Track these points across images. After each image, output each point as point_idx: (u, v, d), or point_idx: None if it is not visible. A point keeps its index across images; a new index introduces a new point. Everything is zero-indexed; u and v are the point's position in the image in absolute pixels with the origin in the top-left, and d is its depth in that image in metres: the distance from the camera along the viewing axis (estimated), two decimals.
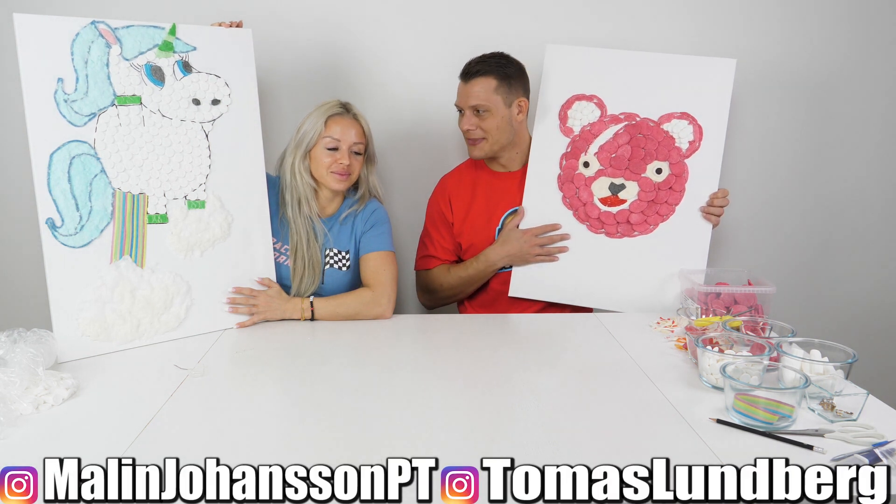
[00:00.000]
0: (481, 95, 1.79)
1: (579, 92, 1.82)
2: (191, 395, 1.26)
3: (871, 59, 2.09)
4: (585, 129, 1.82)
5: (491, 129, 1.81)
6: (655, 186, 1.80)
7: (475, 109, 1.80)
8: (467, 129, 1.82)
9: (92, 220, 1.47)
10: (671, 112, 1.79)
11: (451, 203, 1.93)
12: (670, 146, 1.79)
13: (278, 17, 2.03)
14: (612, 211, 1.82)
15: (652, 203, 1.81)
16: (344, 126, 1.72)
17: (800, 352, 1.27)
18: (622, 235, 1.83)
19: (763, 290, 1.56)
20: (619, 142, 1.80)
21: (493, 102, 1.79)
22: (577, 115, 1.82)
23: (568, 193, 1.83)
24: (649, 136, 1.80)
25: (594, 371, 1.44)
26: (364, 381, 1.33)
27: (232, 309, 1.66)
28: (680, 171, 1.80)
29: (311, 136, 1.72)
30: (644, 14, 2.07)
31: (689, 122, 1.79)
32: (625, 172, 1.81)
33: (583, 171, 1.82)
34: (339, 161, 1.71)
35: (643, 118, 1.80)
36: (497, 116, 1.80)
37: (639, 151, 1.80)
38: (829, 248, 2.22)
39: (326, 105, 1.74)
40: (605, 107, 1.81)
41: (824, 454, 1.02)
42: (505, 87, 1.80)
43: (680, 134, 1.79)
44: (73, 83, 1.44)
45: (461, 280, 1.89)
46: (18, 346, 1.29)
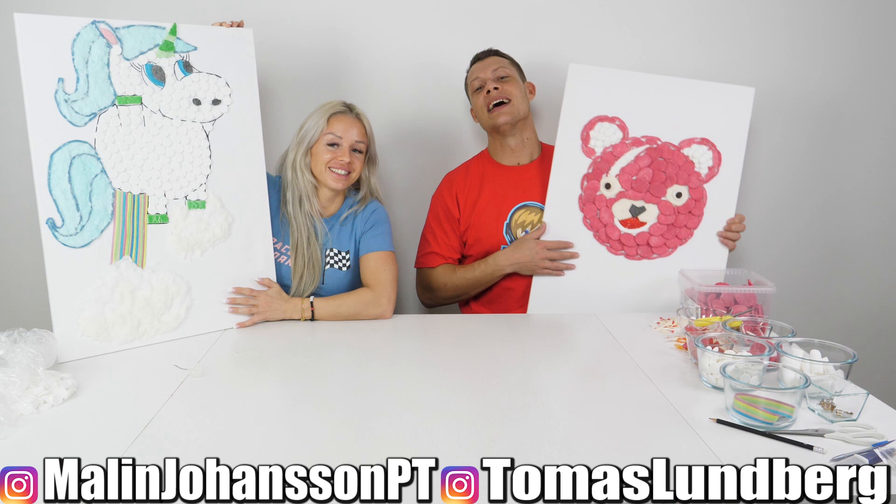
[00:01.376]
0: (502, 62, 1.90)
1: (602, 113, 1.82)
2: (191, 395, 1.26)
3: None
4: (607, 150, 1.82)
5: (514, 92, 1.86)
6: (675, 210, 1.82)
7: (497, 75, 1.87)
8: (493, 88, 1.85)
9: (92, 220, 1.47)
10: (692, 137, 1.81)
11: (457, 198, 1.93)
12: (690, 171, 1.81)
13: (279, 18, 2.03)
14: (633, 233, 1.83)
15: (671, 226, 1.82)
16: (346, 124, 1.73)
17: (800, 352, 1.27)
18: (641, 258, 1.83)
19: (763, 290, 1.56)
20: (640, 164, 1.81)
21: (513, 71, 1.91)
22: (600, 136, 1.82)
23: (589, 214, 1.83)
24: (670, 160, 1.81)
25: (594, 371, 1.44)
26: (364, 381, 1.33)
27: (232, 309, 1.66)
28: (699, 195, 1.81)
29: (314, 133, 1.73)
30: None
31: (708, 148, 1.80)
32: (645, 195, 1.82)
33: (604, 193, 1.83)
34: (340, 158, 1.71)
35: (664, 142, 1.81)
36: (518, 84, 1.89)
37: (660, 175, 1.81)
38: (829, 249, 2.21)
39: (329, 104, 1.75)
40: (627, 129, 1.82)
41: (824, 454, 1.02)
42: (516, 67, 1.94)
43: (700, 159, 1.81)
44: (74, 83, 1.44)
45: (467, 282, 1.89)
46: (18, 346, 1.29)
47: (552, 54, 2.07)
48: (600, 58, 2.07)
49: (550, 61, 2.06)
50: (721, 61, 2.09)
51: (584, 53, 2.07)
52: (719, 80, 1.84)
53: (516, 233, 1.89)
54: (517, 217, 1.89)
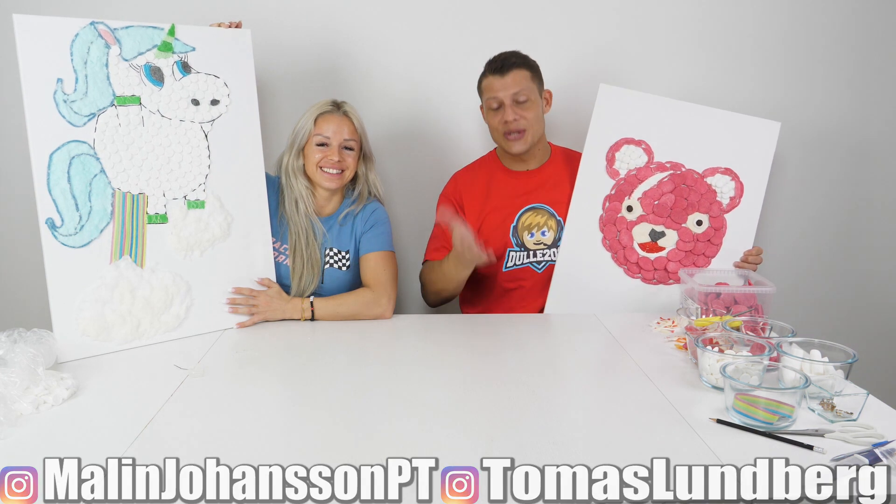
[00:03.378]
0: (523, 83, 1.79)
1: (629, 136, 1.82)
2: (191, 395, 1.26)
3: None
4: (631, 173, 1.82)
5: (532, 119, 1.81)
6: (694, 238, 1.81)
7: (516, 100, 1.79)
8: (512, 119, 1.79)
9: (92, 220, 1.47)
10: (716, 166, 1.80)
11: (462, 200, 1.92)
12: (712, 200, 1.81)
13: (277, 18, 2.03)
14: (650, 257, 1.83)
15: (689, 253, 1.82)
16: (334, 123, 1.73)
17: (800, 352, 1.27)
18: (658, 282, 1.83)
19: (763, 290, 1.56)
20: (662, 189, 1.81)
21: (532, 92, 1.81)
22: (625, 158, 1.82)
23: (608, 235, 1.83)
24: (693, 188, 1.81)
25: (594, 371, 1.44)
26: (364, 381, 1.33)
27: (232, 309, 1.66)
28: (719, 224, 1.81)
29: (303, 135, 1.74)
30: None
31: (731, 178, 1.80)
32: (666, 220, 1.82)
33: (625, 215, 1.83)
34: (329, 157, 1.71)
35: (688, 169, 1.81)
36: (536, 107, 1.82)
37: (681, 201, 1.81)
38: (830, 249, 2.22)
39: (318, 104, 1.75)
40: (653, 153, 1.82)
41: (824, 454, 1.02)
42: (537, 78, 1.84)
43: (722, 189, 1.81)
44: (73, 83, 1.44)
45: (439, 274, 1.83)
46: (18, 346, 1.28)
47: (556, 58, 2.06)
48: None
49: (558, 66, 2.06)
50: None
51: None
52: (743, 110, 1.84)
53: (523, 235, 1.89)
54: (524, 220, 1.89)
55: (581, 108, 2.02)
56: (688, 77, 2.10)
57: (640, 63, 2.09)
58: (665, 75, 2.10)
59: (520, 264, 1.89)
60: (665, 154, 1.82)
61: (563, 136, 2.07)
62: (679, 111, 1.81)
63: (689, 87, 2.07)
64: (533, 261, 1.89)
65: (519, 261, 1.89)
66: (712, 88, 2.09)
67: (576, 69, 2.09)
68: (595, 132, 1.82)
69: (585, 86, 2.03)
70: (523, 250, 1.89)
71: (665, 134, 1.81)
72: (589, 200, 1.83)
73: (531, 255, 1.89)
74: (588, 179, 1.83)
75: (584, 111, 1.89)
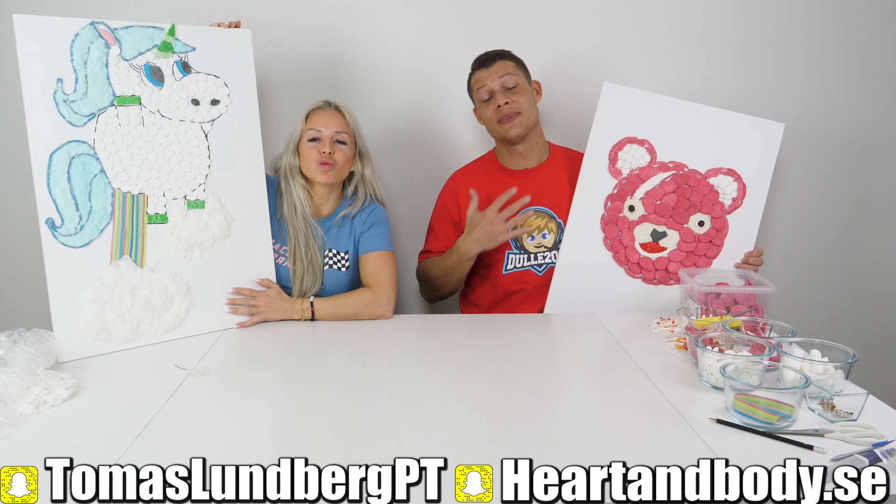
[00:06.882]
0: (509, 69, 1.84)
1: (632, 135, 1.81)
2: (191, 395, 1.26)
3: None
4: (634, 172, 1.82)
5: (525, 103, 1.83)
6: (696, 238, 1.81)
7: (504, 87, 1.82)
8: (503, 102, 1.81)
9: (92, 220, 1.47)
10: (719, 167, 1.80)
11: (458, 201, 1.93)
12: (714, 200, 1.80)
13: (277, 18, 2.03)
14: (652, 257, 1.82)
15: (690, 254, 1.82)
16: (324, 117, 1.74)
17: (800, 352, 1.27)
18: (658, 283, 1.83)
19: (763, 290, 1.56)
20: (665, 189, 1.81)
21: (521, 78, 1.85)
22: (628, 157, 1.82)
23: (610, 235, 1.83)
24: (695, 188, 1.80)
25: (594, 371, 1.44)
26: (364, 382, 1.33)
27: (232, 310, 1.66)
28: (721, 225, 1.81)
29: (297, 134, 1.75)
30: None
31: (734, 179, 1.80)
32: (668, 221, 1.81)
33: (627, 215, 1.82)
34: (321, 150, 1.71)
35: (691, 169, 1.81)
36: (527, 92, 1.85)
37: (684, 202, 1.80)
38: (830, 249, 2.22)
39: (311, 104, 1.77)
40: (656, 153, 1.81)
41: (824, 454, 1.02)
42: (522, 68, 1.88)
43: (725, 189, 1.80)
44: (73, 83, 1.44)
45: (441, 270, 1.87)
46: (18, 346, 1.29)
47: (558, 58, 2.06)
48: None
49: (557, 65, 2.06)
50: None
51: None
52: (746, 111, 1.83)
53: (522, 238, 1.89)
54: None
55: (581, 108, 2.03)
56: (689, 77, 2.10)
57: (641, 63, 2.09)
58: (665, 76, 2.09)
59: (520, 267, 1.89)
60: (668, 154, 1.81)
61: (564, 136, 2.07)
62: (683, 111, 1.81)
63: (691, 88, 2.06)
64: (533, 263, 1.89)
65: (519, 263, 1.89)
66: (715, 89, 2.08)
67: (576, 69, 2.09)
68: (598, 131, 1.82)
69: (586, 85, 2.03)
70: (523, 253, 1.89)
71: (668, 133, 1.81)
72: (591, 199, 1.83)
73: (531, 257, 1.89)
74: (590, 178, 1.83)
75: (584, 111, 1.89)
